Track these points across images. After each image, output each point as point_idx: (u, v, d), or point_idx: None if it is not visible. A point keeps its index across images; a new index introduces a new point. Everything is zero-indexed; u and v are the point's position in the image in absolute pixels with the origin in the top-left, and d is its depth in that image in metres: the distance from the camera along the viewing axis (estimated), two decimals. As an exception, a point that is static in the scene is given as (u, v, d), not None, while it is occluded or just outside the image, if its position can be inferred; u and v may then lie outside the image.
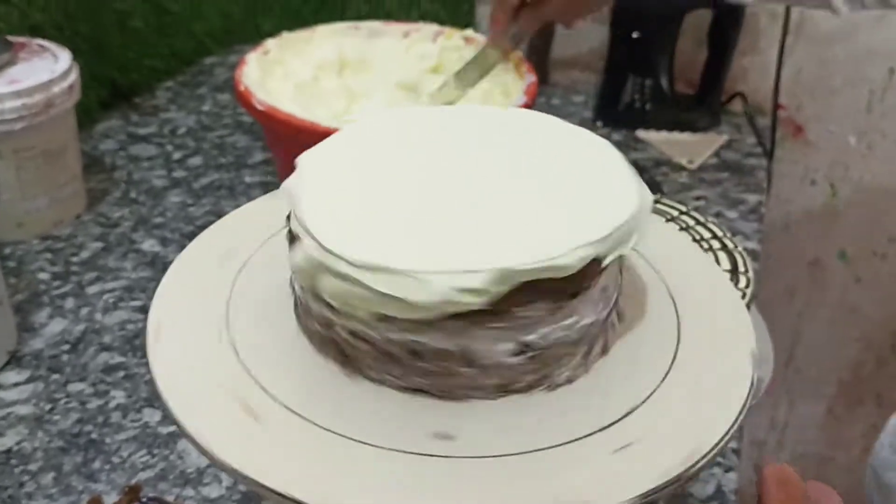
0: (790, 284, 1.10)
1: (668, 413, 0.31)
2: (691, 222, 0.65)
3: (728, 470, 0.54)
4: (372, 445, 0.29)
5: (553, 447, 0.29)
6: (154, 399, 0.56)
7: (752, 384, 0.32)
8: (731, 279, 0.60)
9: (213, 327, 0.34)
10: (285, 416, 0.30)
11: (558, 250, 0.29)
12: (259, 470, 0.28)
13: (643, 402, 0.31)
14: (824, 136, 1.01)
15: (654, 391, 0.32)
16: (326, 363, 0.32)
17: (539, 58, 1.04)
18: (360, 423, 0.29)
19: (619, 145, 0.95)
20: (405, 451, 0.29)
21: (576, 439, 0.30)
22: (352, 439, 0.29)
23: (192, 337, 0.33)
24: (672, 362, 0.33)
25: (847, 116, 0.99)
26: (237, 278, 0.36)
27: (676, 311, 0.36)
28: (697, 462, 0.29)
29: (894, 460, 0.51)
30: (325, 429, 0.29)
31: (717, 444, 0.29)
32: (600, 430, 0.30)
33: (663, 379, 0.33)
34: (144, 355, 0.60)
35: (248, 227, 0.39)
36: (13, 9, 0.77)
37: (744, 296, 0.58)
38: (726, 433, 0.30)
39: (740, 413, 0.31)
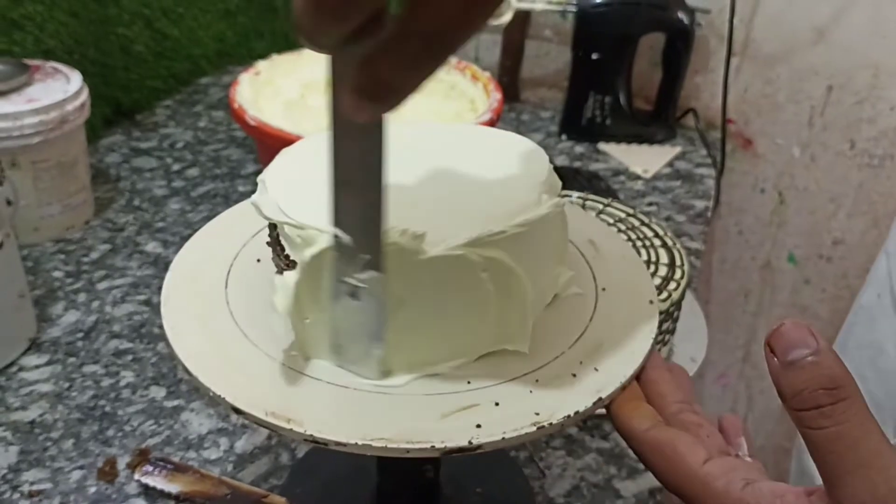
0: (744, 286, 1.18)
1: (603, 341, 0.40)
2: (637, 223, 0.74)
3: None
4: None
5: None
6: (159, 378, 0.64)
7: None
8: (669, 272, 0.68)
9: (215, 294, 0.42)
10: (258, 354, 0.38)
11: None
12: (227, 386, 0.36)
13: (584, 331, 0.40)
14: (771, 148, 1.09)
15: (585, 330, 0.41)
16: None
17: (510, 78, 1.13)
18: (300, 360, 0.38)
19: (582, 156, 1.04)
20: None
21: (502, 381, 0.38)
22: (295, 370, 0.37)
23: (198, 300, 0.41)
24: (592, 315, 0.42)
25: (791, 130, 1.07)
26: (234, 261, 0.44)
27: (589, 321, 0.44)
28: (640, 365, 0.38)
29: None
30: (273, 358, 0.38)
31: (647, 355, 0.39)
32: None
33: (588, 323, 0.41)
34: (151, 341, 0.68)
35: (243, 220, 0.47)
36: (28, 35, 0.84)
37: (678, 285, 0.67)
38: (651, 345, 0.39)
39: (653, 341, 0.40)
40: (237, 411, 0.35)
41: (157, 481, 0.54)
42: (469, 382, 0.37)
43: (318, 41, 0.26)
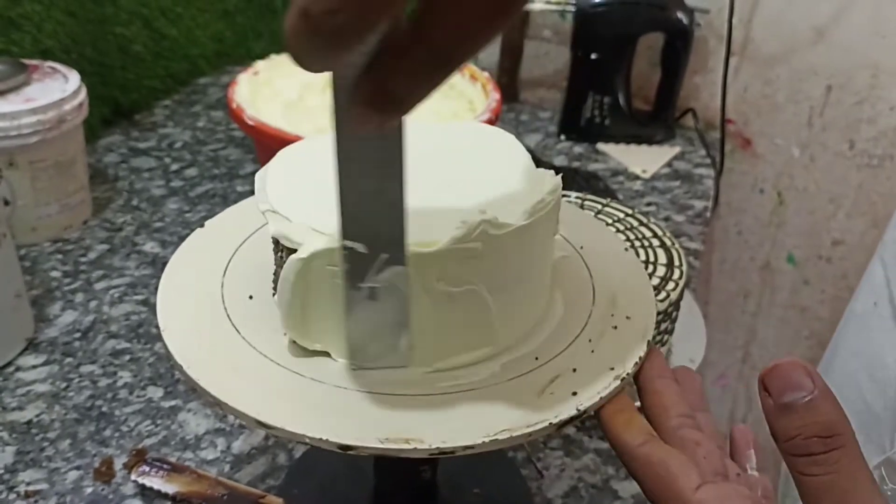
0: (744, 287, 1.18)
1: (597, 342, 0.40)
2: (635, 223, 0.74)
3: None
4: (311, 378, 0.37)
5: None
6: (157, 378, 0.63)
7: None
8: (667, 272, 0.68)
9: (211, 293, 0.41)
10: (259, 358, 0.38)
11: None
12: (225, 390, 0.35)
13: (583, 329, 0.40)
14: (771, 148, 1.09)
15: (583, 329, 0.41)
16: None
17: (509, 78, 1.13)
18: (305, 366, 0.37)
19: (581, 157, 1.04)
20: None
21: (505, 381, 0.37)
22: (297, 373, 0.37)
23: (194, 298, 0.41)
24: (589, 316, 0.42)
25: (791, 130, 1.07)
26: (231, 259, 0.44)
27: (591, 277, 0.44)
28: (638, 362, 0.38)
29: None
30: (275, 362, 0.37)
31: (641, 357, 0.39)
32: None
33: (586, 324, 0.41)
34: (148, 341, 0.68)
35: (241, 220, 0.47)
36: (26, 35, 0.84)
37: (676, 286, 0.67)
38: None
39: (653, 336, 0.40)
40: (264, 426, 0.34)
41: (154, 482, 0.54)
42: (537, 359, 0.38)
43: (312, 67, 0.23)
